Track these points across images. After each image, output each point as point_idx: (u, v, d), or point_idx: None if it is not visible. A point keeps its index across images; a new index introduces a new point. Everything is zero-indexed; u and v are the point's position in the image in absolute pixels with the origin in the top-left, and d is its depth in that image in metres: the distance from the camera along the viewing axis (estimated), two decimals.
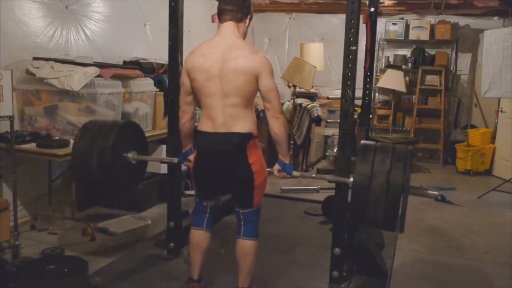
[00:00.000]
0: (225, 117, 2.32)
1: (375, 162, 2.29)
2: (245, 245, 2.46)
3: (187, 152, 2.62)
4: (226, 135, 2.32)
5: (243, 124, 2.33)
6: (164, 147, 3.74)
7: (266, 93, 2.30)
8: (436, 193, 2.44)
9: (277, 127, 2.33)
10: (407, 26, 7.17)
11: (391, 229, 2.38)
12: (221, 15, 2.40)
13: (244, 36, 2.45)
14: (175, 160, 2.84)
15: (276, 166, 2.49)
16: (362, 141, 2.52)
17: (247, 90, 2.29)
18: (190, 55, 2.41)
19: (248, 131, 2.33)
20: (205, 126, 2.38)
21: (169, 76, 3.18)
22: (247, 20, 2.44)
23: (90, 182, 2.92)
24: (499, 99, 6.19)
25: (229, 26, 2.37)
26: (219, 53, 2.30)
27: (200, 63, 2.33)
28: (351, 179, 2.42)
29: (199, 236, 2.56)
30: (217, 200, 2.60)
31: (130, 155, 2.80)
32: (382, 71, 7.26)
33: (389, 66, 7.24)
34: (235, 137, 2.31)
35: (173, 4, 3.03)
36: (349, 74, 2.63)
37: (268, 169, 2.49)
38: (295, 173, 2.54)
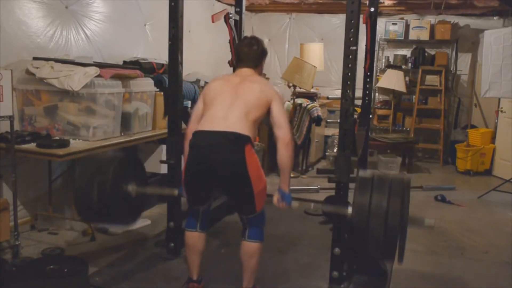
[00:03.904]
0: (228, 118, 2.34)
1: (372, 201, 2.31)
2: (250, 248, 2.46)
3: None
4: (225, 132, 2.32)
5: (244, 129, 2.34)
6: (164, 147, 3.74)
7: (279, 118, 2.42)
8: (433, 221, 2.49)
9: (286, 155, 2.39)
10: (407, 26, 7.17)
11: (390, 261, 2.41)
12: (238, 64, 2.63)
13: (261, 72, 2.69)
14: (175, 192, 2.81)
15: (277, 195, 2.50)
16: (360, 174, 2.52)
17: (257, 108, 2.41)
18: (208, 83, 2.63)
19: (248, 135, 2.34)
20: (204, 126, 2.39)
21: (169, 76, 3.18)
22: (263, 61, 2.67)
23: (92, 220, 2.93)
24: (499, 99, 6.19)
25: (247, 69, 2.59)
26: (238, 78, 2.53)
27: (218, 83, 2.56)
28: (349, 211, 2.45)
29: (194, 238, 2.56)
30: (209, 204, 2.59)
31: (130, 187, 2.77)
32: (382, 71, 7.26)
33: (389, 66, 7.24)
34: (233, 134, 2.31)
35: (173, 4, 3.03)
36: (349, 74, 2.63)
37: (268, 193, 2.49)
38: (294, 203, 2.56)
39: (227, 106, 2.38)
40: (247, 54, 2.58)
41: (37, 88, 3.40)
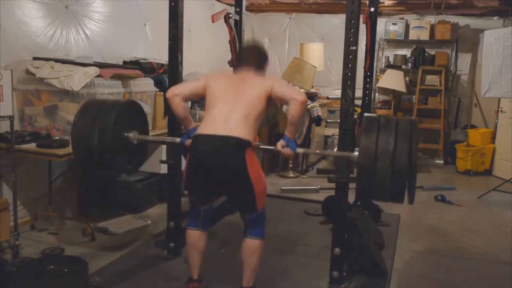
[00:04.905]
0: (229, 122, 2.35)
1: (379, 144, 2.23)
2: (252, 245, 2.47)
3: (189, 131, 2.59)
4: (225, 137, 2.33)
5: (244, 133, 2.35)
6: (164, 147, 3.74)
7: (285, 91, 2.43)
8: (442, 161, 2.46)
9: (298, 110, 2.36)
10: (407, 26, 7.16)
11: (399, 202, 2.33)
12: (239, 65, 2.63)
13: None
14: (177, 139, 2.74)
15: (281, 142, 2.47)
16: (365, 115, 2.47)
17: (258, 104, 2.41)
18: (212, 76, 2.60)
19: (248, 139, 2.35)
20: (205, 129, 2.41)
21: (169, 76, 3.18)
22: (266, 66, 2.65)
23: (91, 166, 2.82)
24: (499, 99, 6.19)
25: (248, 69, 2.58)
26: (240, 76, 2.55)
27: (221, 80, 2.54)
28: (355, 153, 2.42)
29: (195, 236, 2.57)
30: (211, 204, 2.60)
31: (131, 134, 2.70)
32: (382, 71, 7.25)
33: (389, 66, 7.24)
34: (234, 139, 2.32)
35: (173, 4, 3.03)
36: (349, 74, 2.63)
37: (271, 147, 2.52)
38: (298, 150, 2.54)
39: (228, 107, 2.39)
40: (249, 55, 2.61)
41: (37, 88, 3.40)
